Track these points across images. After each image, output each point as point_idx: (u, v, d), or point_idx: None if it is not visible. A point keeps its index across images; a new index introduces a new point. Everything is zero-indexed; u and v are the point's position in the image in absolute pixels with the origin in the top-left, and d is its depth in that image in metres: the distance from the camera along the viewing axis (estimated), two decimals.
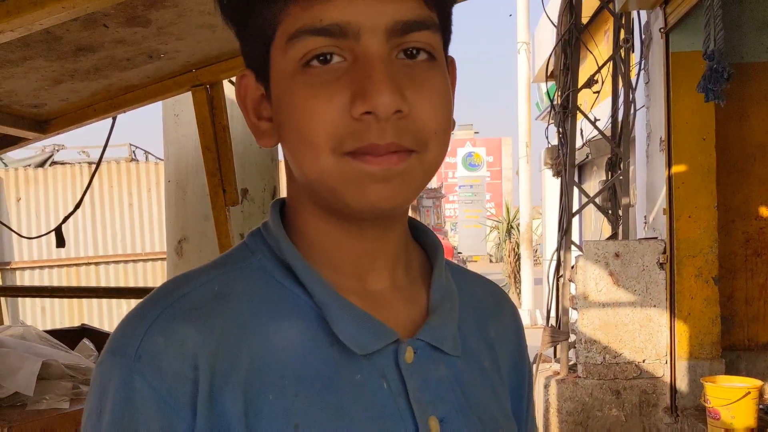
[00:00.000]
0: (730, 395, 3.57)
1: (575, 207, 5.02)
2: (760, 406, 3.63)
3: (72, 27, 1.61)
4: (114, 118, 2.47)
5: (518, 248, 14.66)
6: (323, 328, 0.65)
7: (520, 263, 14.10)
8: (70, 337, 2.57)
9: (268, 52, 0.64)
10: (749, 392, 3.56)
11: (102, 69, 1.95)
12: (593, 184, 8.69)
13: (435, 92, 0.62)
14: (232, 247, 0.72)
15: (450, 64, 0.69)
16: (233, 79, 2.47)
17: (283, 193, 0.76)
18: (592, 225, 9.21)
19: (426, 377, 0.67)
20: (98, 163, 2.82)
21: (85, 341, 2.54)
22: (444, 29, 0.66)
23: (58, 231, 2.65)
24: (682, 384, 4.20)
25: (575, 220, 5.05)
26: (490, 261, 27.45)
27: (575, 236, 5.13)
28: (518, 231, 15.14)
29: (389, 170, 0.60)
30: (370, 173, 0.60)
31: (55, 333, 2.60)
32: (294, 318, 0.65)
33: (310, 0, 0.59)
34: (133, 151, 10.06)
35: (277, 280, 0.67)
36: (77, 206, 2.71)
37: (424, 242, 0.77)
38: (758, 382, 3.67)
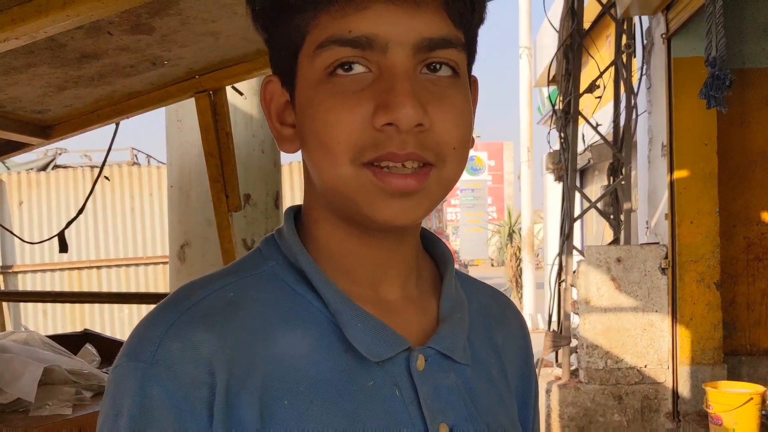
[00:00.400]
0: (732, 401, 3.57)
1: (577, 212, 5.03)
2: (763, 412, 3.61)
3: (76, 34, 1.61)
4: (117, 124, 2.48)
5: (520, 252, 14.66)
6: (336, 335, 0.65)
7: (521, 267, 14.10)
8: (72, 341, 2.56)
9: (295, 60, 0.65)
10: (752, 398, 3.55)
11: (106, 75, 1.96)
12: (595, 188, 8.70)
13: (456, 109, 0.63)
14: (246, 254, 0.72)
15: (473, 83, 0.70)
16: (236, 85, 2.48)
17: (286, 198, 0.77)
18: (594, 230, 9.21)
19: (437, 385, 0.67)
20: (101, 169, 2.81)
21: (88, 346, 2.53)
22: (469, 49, 0.67)
23: (61, 236, 2.64)
24: (684, 389, 4.20)
25: (577, 225, 5.05)
26: (492, 265, 27.45)
27: (577, 241, 5.13)
28: (520, 235, 15.14)
29: (407, 188, 0.61)
30: (387, 190, 0.61)
31: (58, 338, 2.59)
32: (307, 325, 0.65)
33: (341, 10, 0.60)
34: (135, 155, 10.10)
35: (290, 286, 0.67)
36: (80, 212, 2.70)
37: (434, 252, 0.77)
38: (761, 388, 3.66)
